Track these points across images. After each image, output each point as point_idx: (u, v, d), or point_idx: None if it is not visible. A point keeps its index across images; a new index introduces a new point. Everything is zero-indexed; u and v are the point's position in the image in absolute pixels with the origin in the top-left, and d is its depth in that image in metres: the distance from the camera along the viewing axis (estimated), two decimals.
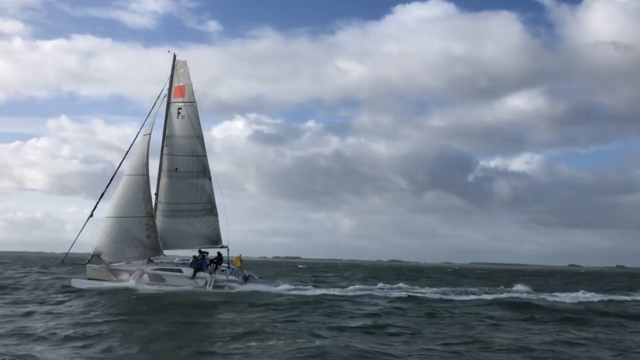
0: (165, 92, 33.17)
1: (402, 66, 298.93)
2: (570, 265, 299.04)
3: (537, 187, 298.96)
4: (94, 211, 32.70)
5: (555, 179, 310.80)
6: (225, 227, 33.42)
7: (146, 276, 31.44)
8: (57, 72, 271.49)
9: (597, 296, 35.25)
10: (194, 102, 33.03)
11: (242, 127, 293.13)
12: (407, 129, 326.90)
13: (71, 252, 33.01)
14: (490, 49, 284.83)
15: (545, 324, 21.31)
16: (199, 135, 33.04)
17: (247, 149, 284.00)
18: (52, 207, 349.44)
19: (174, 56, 33.56)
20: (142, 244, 32.12)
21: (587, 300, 32.80)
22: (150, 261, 32.51)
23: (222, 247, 33.28)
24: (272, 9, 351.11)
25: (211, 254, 33.30)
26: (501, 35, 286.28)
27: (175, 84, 33.19)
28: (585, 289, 41.26)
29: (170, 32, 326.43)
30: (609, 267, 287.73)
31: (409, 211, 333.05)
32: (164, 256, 33.07)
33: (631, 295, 37.97)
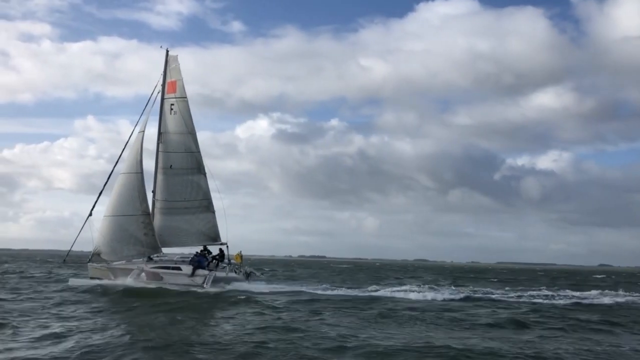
0: (159, 88, 32.89)
1: (426, 64, 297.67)
2: (600, 265, 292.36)
3: (565, 185, 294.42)
4: (92, 210, 32.58)
5: (583, 177, 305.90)
6: (223, 223, 32.97)
7: (144, 274, 31.07)
8: (84, 73, 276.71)
9: None
10: (185, 98, 32.67)
11: (266, 126, 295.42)
12: (431, 127, 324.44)
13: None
14: (515, 46, 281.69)
15: None
16: (191, 131, 32.62)
17: (271, 148, 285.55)
18: (79, 206, 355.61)
19: (167, 51, 33.28)
20: (140, 242, 31.78)
21: None
22: (150, 259, 32.18)
23: (222, 244, 32.82)
24: (294, 8, 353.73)
25: (214, 251, 32.90)
26: (527, 31, 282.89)
27: (167, 80, 32.86)
28: None
29: (194, 32, 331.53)
30: None
31: (434, 210, 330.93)
32: (163, 254, 32.69)
33: None
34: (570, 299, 30.42)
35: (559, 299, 30.24)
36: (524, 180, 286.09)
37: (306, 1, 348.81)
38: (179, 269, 31.49)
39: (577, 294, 34.56)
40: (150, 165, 32.91)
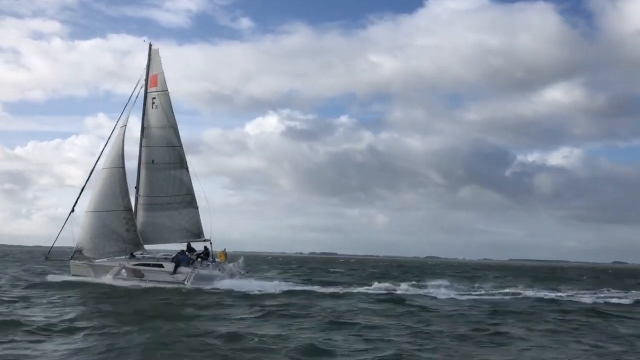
0: (142, 82, 32.34)
1: (436, 59, 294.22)
2: (614, 262, 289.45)
3: (577, 182, 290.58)
4: (75, 206, 32.14)
5: (596, 173, 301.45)
6: (207, 220, 32.36)
7: (124, 272, 30.57)
8: (94, 71, 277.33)
9: None
10: (167, 91, 32.09)
11: (275, 123, 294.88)
12: (441, 123, 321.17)
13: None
14: (526, 41, 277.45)
15: None
16: (173, 125, 32.01)
17: (281, 145, 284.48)
18: None
19: (150, 45, 32.73)
20: (122, 238, 31.30)
21: None
22: (132, 256, 31.65)
23: (205, 240, 32.21)
24: (303, 5, 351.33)
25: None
26: (537, 26, 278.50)
27: (150, 74, 32.28)
28: None
29: (203, 29, 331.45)
30: None
31: (445, 207, 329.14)
32: (147, 251, 32.16)
33: None
34: None
35: None
36: (535, 177, 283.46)
37: None
38: (162, 266, 30.98)
39: None
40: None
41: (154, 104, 31.89)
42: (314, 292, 28.80)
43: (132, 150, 32.65)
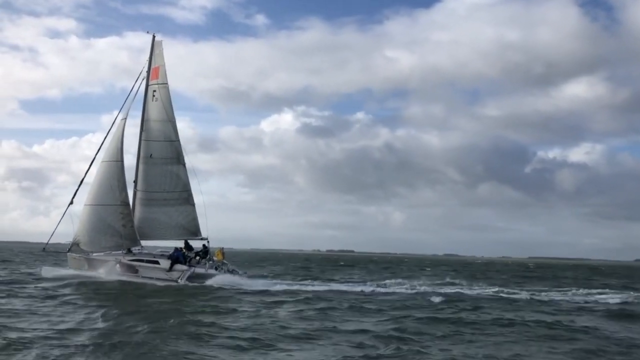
0: (144, 74, 31.73)
1: (454, 54, 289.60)
2: (636, 260, 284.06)
3: (598, 178, 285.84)
4: (73, 198, 31.84)
5: (618, 169, 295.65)
6: (203, 217, 31.76)
7: (118, 266, 30.17)
8: (110, 68, 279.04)
9: None
10: (166, 84, 31.44)
11: (291, 120, 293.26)
12: (459, 119, 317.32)
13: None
14: (545, 35, 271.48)
15: None
16: (171, 119, 31.37)
17: (296, 142, 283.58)
18: None
19: (153, 37, 32.05)
20: (119, 233, 30.85)
21: None
22: (129, 251, 31.22)
23: (202, 238, 31.64)
24: (318, 0, 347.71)
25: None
26: (557, 19, 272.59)
27: (152, 66, 31.63)
28: None
29: (218, 26, 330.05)
30: None
31: (462, 204, 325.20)
32: (143, 247, 31.69)
33: None
34: None
35: None
36: (555, 173, 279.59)
37: None
38: (157, 262, 30.49)
39: None
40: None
41: (154, 96, 31.27)
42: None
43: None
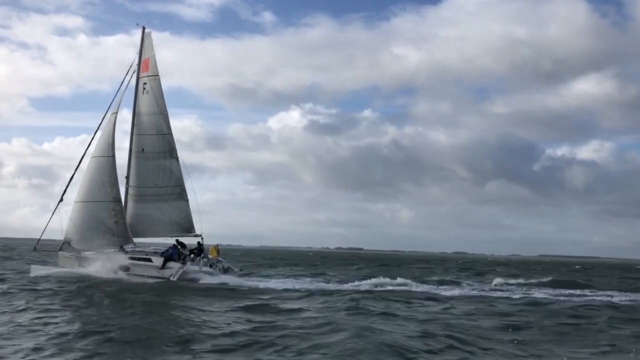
0: (134, 67, 30.88)
1: (461, 51, 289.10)
2: None
3: (607, 176, 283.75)
4: (63, 195, 31.09)
5: (627, 167, 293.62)
6: (197, 214, 30.86)
7: (109, 264, 29.31)
8: (118, 65, 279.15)
9: None
10: (157, 76, 30.52)
11: (298, 117, 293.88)
12: (467, 116, 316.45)
13: None
14: (554, 31, 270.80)
15: None
16: (163, 111, 30.42)
17: (303, 139, 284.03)
18: None
19: (143, 28, 31.22)
20: (110, 230, 30.02)
21: None
22: (122, 249, 30.36)
23: (196, 235, 30.76)
24: None
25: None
26: (566, 16, 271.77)
27: (142, 58, 30.78)
28: None
29: (225, 23, 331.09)
30: None
31: (471, 202, 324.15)
32: (135, 244, 30.83)
33: None
34: None
35: None
36: (564, 171, 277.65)
37: None
38: (150, 260, 29.63)
39: None
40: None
41: (144, 89, 30.40)
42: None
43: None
